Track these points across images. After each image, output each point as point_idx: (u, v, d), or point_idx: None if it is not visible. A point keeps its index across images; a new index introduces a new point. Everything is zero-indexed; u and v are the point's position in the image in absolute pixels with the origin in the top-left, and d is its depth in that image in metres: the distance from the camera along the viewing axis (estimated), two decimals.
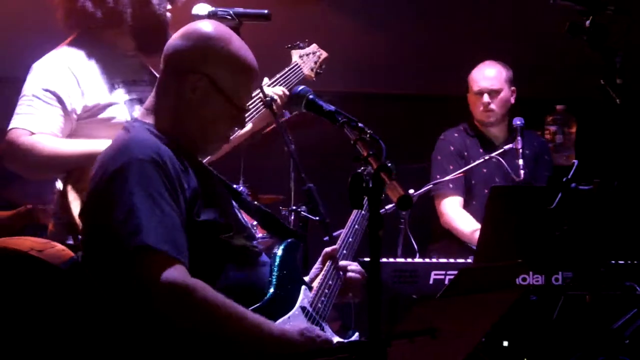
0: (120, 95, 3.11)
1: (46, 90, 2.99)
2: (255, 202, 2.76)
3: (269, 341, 2.24)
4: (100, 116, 3.05)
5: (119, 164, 2.28)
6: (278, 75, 3.46)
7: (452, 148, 4.50)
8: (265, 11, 3.13)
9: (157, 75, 3.21)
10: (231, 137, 3.09)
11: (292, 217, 3.80)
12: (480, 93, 4.46)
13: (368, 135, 2.25)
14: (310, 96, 2.48)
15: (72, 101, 3.00)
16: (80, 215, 2.43)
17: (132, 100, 3.13)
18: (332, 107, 2.41)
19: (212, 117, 2.44)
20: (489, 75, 4.49)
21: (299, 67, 3.57)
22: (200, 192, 2.35)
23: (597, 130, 4.51)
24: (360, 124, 2.29)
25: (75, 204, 2.90)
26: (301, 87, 2.52)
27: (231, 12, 3.10)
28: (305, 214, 3.57)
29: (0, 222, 3.94)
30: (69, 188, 2.94)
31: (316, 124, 3.32)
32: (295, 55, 3.62)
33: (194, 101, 2.42)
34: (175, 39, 2.48)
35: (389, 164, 3.22)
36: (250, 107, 3.21)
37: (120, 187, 2.25)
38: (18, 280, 2.47)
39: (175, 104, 2.44)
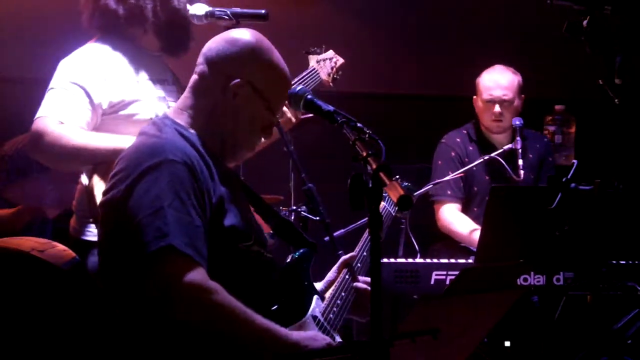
0: (146, 93, 3.12)
1: (74, 83, 3.01)
2: (279, 209, 2.76)
3: (279, 346, 2.26)
4: (125, 112, 3.07)
5: (151, 163, 2.28)
6: (296, 79, 3.43)
7: (453, 154, 4.47)
8: (263, 11, 3.12)
9: (177, 76, 3.26)
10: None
11: (292, 217, 3.80)
12: (492, 102, 4.40)
13: (367, 135, 2.25)
14: (309, 96, 2.49)
15: (98, 96, 3.02)
16: (100, 206, 2.41)
17: (157, 98, 3.15)
18: (331, 107, 2.40)
19: (248, 123, 2.46)
20: (502, 84, 4.41)
21: (316, 71, 3.55)
22: (224, 199, 2.37)
23: (596, 131, 4.52)
24: (359, 124, 2.29)
25: (99, 200, 2.90)
26: (299, 87, 2.52)
27: (228, 12, 3.10)
28: (305, 214, 3.57)
29: (4, 220, 3.93)
30: (95, 183, 2.93)
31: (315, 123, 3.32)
32: (313, 60, 3.59)
33: (234, 106, 2.43)
34: (218, 42, 2.48)
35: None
36: None
37: (150, 186, 2.26)
38: (19, 280, 2.48)
39: (213, 106, 2.45)
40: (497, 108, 4.38)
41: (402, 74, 5.52)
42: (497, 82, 4.42)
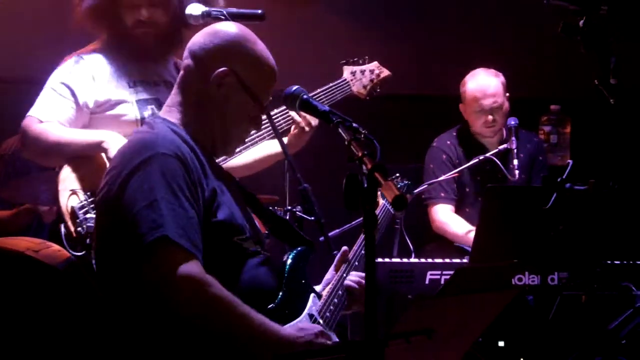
0: (134, 94, 3.17)
1: (62, 83, 3.12)
2: (270, 208, 2.77)
3: (272, 341, 2.27)
4: (110, 112, 3.13)
5: (144, 157, 2.30)
6: (319, 90, 3.41)
7: (444, 157, 4.46)
8: (259, 11, 3.13)
9: (176, 79, 3.27)
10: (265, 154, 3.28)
11: (288, 217, 3.80)
12: (483, 112, 4.39)
13: (362, 136, 2.25)
14: (305, 96, 2.49)
15: (84, 95, 3.10)
16: (96, 204, 2.44)
17: (146, 100, 3.18)
18: (326, 108, 2.40)
19: (235, 114, 2.48)
20: (489, 92, 4.38)
21: (346, 83, 3.52)
22: (217, 193, 2.38)
23: (591, 131, 4.53)
24: (354, 124, 2.29)
25: (64, 194, 2.97)
26: (295, 87, 2.52)
27: (225, 12, 3.11)
28: (300, 214, 3.58)
29: (2, 221, 3.93)
30: (61, 179, 3.00)
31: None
32: (347, 71, 3.56)
33: (219, 97, 2.45)
34: (203, 36, 2.51)
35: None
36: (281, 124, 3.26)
37: (144, 179, 2.27)
38: (14, 280, 2.48)
39: (200, 100, 2.47)
40: (489, 117, 4.37)
41: (399, 74, 5.52)
42: (484, 91, 4.39)
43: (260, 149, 3.33)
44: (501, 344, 3.88)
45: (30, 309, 2.45)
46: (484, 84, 4.42)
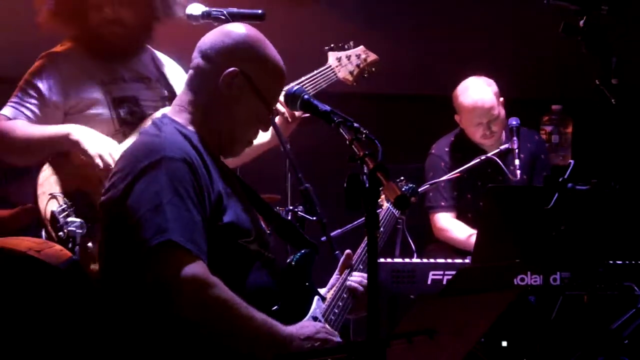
0: (107, 92, 3.14)
1: (29, 82, 3.11)
2: (276, 209, 2.76)
3: (275, 340, 2.28)
4: (84, 113, 3.11)
5: (151, 160, 2.30)
6: (304, 78, 3.38)
7: (442, 164, 4.44)
8: (259, 11, 3.13)
9: (155, 74, 3.26)
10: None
11: (289, 217, 3.79)
12: (481, 125, 4.36)
13: (364, 136, 2.25)
14: (305, 96, 2.49)
15: (52, 94, 3.09)
16: (101, 205, 2.43)
17: (121, 98, 3.16)
18: (328, 107, 2.40)
19: (243, 115, 2.47)
20: (485, 106, 4.33)
21: (331, 69, 3.48)
22: (223, 196, 2.38)
23: (593, 131, 4.53)
24: (356, 124, 2.29)
25: (43, 199, 2.97)
26: (296, 87, 2.52)
27: (225, 12, 3.11)
28: (302, 214, 3.57)
29: (1, 221, 3.92)
30: (39, 183, 3.00)
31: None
32: (332, 57, 3.51)
33: (228, 97, 2.44)
34: (213, 36, 2.51)
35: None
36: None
37: (150, 183, 2.27)
38: (16, 280, 2.48)
39: (209, 100, 2.47)
40: (487, 132, 4.35)
41: (402, 74, 5.52)
42: (479, 107, 4.35)
43: None
44: (504, 344, 3.88)
45: (32, 309, 2.45)
46: (477, 98, 4.37)
